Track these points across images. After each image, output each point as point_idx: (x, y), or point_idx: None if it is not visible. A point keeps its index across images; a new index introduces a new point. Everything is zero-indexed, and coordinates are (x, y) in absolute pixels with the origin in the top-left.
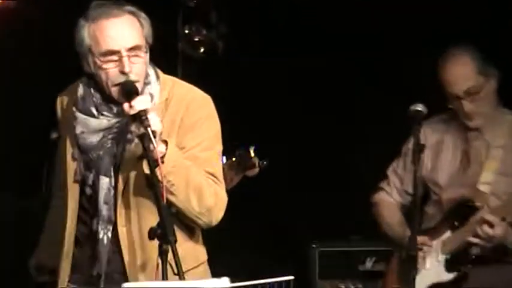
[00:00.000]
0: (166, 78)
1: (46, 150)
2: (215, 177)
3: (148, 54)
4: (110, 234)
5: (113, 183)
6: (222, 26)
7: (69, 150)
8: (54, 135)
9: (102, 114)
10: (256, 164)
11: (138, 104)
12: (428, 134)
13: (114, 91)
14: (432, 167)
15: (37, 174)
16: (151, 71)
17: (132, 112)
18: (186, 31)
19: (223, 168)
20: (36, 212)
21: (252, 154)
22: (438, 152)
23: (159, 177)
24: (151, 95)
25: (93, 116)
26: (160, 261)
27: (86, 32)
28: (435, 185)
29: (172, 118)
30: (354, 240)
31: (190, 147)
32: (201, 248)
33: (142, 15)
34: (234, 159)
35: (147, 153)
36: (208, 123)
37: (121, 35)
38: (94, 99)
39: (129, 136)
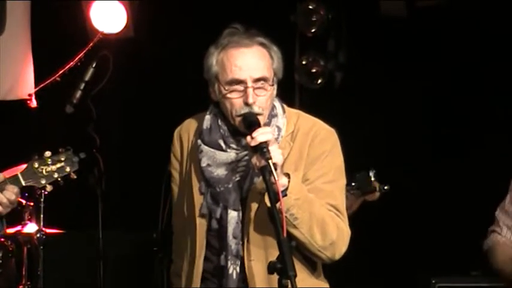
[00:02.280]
0: (291, 112)
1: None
2: (338, 210)
3: (275, 88)
4: (238, 269)
5: (240, 217)
6: (341, 56)
7: (196, 184)
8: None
9: (230, 147)
10: (377, 189)
11: (260, 136)
12: None
13: (238, 121)
14: None
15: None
16: (277, 104)
17: (253, 144)
18: (303, 62)
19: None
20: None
21: (373, 178)
22: None
23: (280, 211)
24: (279, 128)
25: (220, 149)
26: None
27: (215, 59)
28: None
29: (299, 150)
30: (474, 276)
31: (314, 179)
32: (323, 283)
33: (274, 48)
34: (353, 183)
35: (267, 186)
36: (332, 156)
37: (248, 65)
38: (221, 131)
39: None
